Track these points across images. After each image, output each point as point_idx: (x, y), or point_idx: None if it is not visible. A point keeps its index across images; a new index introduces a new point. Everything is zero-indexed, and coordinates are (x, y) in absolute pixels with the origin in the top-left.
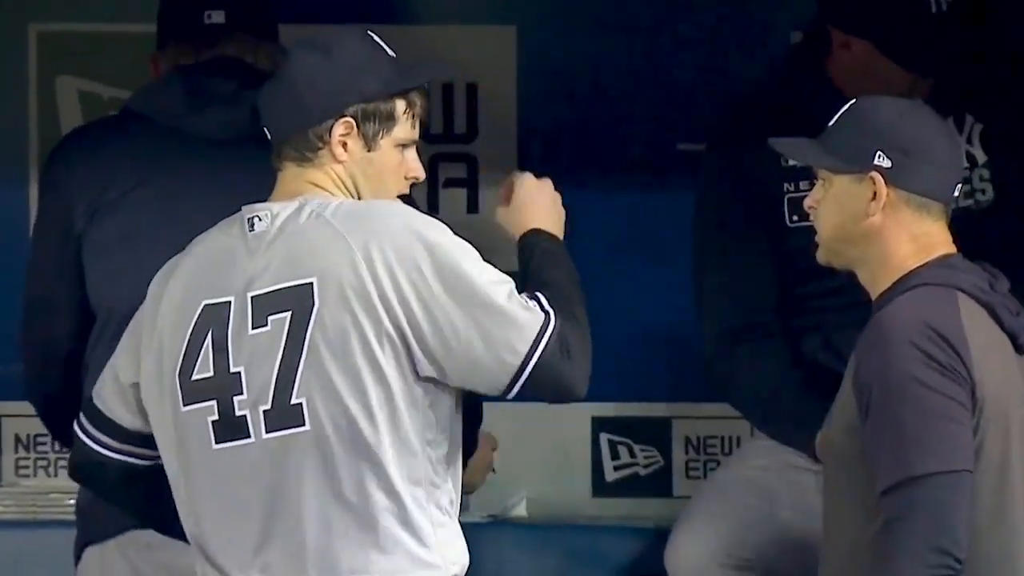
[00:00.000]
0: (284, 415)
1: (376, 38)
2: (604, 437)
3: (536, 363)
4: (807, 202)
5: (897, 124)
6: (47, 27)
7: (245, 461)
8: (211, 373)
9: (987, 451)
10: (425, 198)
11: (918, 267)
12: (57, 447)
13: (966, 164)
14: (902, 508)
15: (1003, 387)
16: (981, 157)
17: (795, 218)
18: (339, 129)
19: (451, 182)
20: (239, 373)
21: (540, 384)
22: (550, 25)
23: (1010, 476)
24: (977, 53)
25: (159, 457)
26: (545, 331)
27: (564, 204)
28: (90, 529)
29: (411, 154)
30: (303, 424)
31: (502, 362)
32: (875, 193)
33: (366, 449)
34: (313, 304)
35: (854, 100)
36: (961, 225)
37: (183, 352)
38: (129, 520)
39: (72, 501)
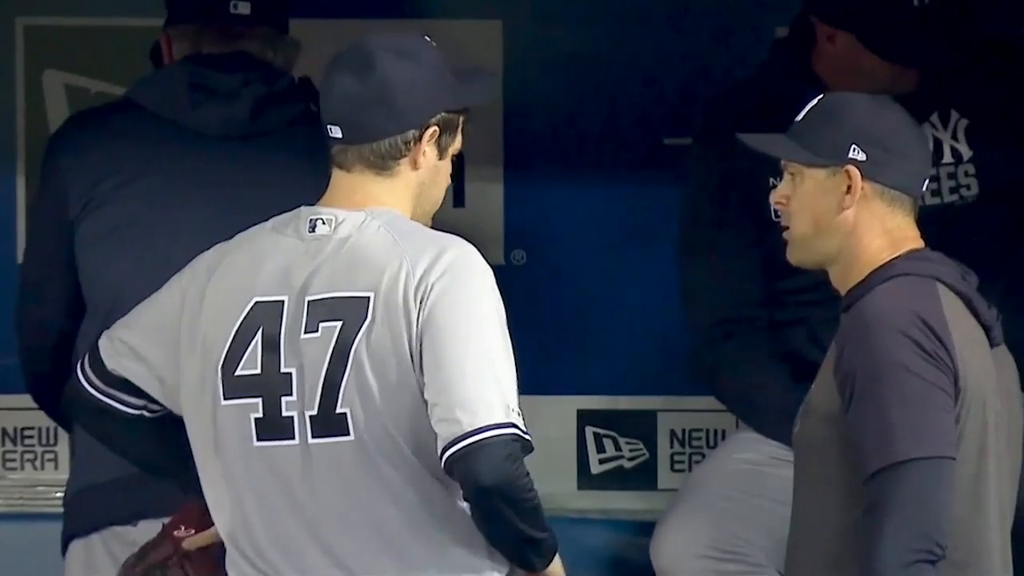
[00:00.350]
0: (330, 423)
1: (434, 44)
2: (589, 430)
3: (483, 440)
4: (775, 198)
5: (870, 118)
6: (34, 21)
7: (287, 462)
8: (258, 370)
9: (966, 440)
10: None
11: (892, 259)
12: (44, 440)
13: (951, 160)
14: (887, 494)
15: (981, 377)
16: (966, 152)
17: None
18: (427, 136)
19: None
20: (289, 374)
21: (472, 461)
22: (536, 19)
23: (987, 466)
24: (962, 48)
25: (143, 408)
26: (507, 428)
27: (549, 199)
28: (75, 522)
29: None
30: (348, 434)
31: (451, 416)
32: (850, 186)
33: (405, 461)
34: (365, 318)
35: (823, 95)
36: (946, 220)
37: (228, 345)
38: (111, 515)
39: (59, 494)
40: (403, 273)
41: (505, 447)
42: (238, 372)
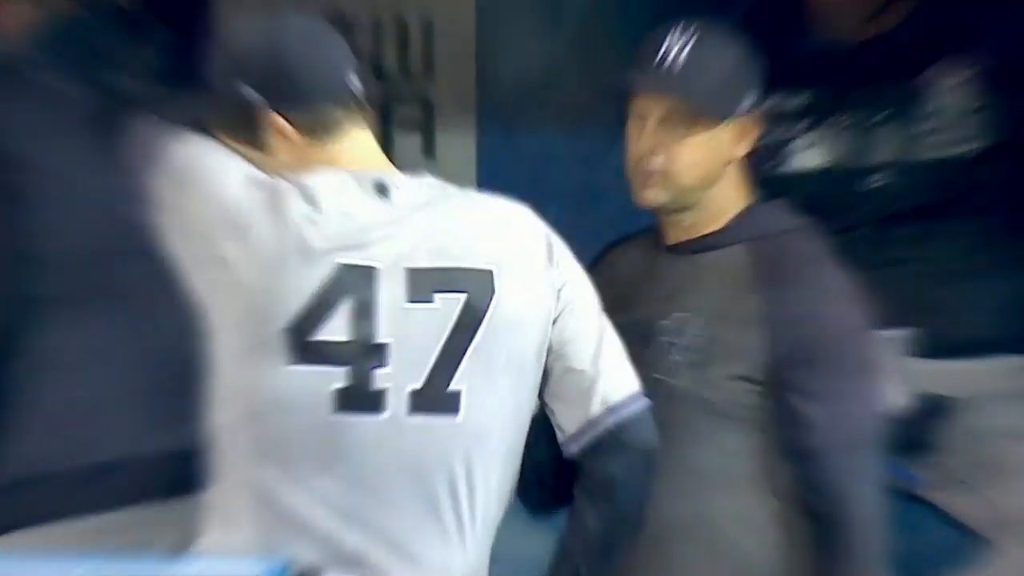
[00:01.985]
0: (436, 400)
1: None
2: None
3: (626, 417)
4: (647, 146)
5: (745, 59)
6: None
7: (372, 435)
8: (346, 338)
9: None
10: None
11: (751, 207)
12: None
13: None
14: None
15: None
16: (974, 104)
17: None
18: None
19: (406, 124)
20: (386, 345)
21: (627, 435)
22: None
23: None
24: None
25: None
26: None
27: (524, 152)
28: None
29: None
30: (455, 412)
31: (603, 388)
32: (745, 137)
33: (513, 444)
34: (493, 292)
35: (696, 29)
36: (954, 173)
37: (300, 308)
38: None
39: None
40: (531, 245)
41: (644, 426)
42: (316, 338)
